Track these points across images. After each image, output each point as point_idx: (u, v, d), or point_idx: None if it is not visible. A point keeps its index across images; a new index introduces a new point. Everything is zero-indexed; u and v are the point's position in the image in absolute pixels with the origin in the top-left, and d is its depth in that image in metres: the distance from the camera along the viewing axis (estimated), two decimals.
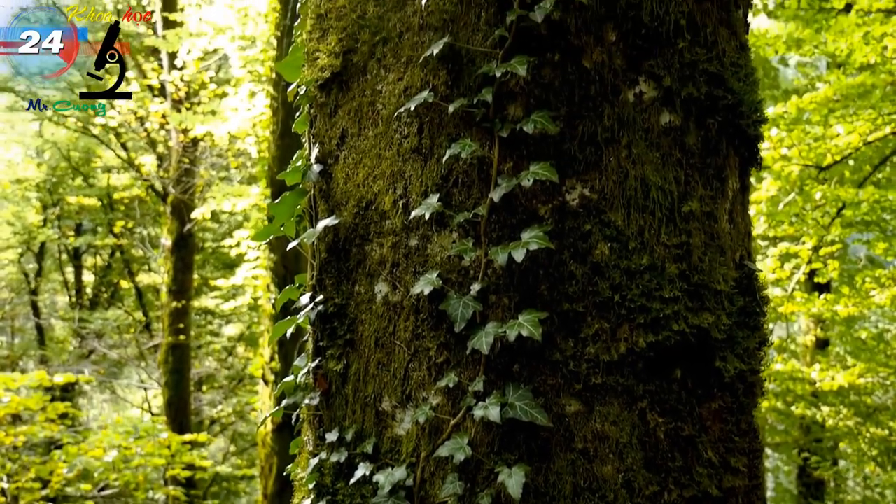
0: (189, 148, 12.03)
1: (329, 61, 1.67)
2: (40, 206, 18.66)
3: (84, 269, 19.57)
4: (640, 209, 1.49)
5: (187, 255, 12.49)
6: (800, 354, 11.08)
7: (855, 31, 7.07)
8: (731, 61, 1.59)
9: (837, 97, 7.91)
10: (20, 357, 19.46)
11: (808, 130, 7.61)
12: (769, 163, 8.10)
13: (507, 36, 1.47)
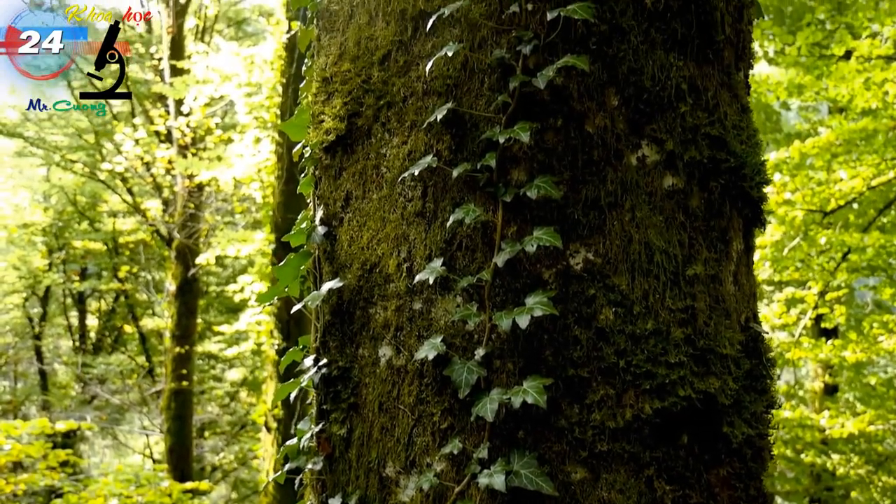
0: (194, 193, 12.11)
1: (334, 124, 1.69)
2: (46, 251, 18.74)
3: (88, 314, 19.57)
4: (644, 273, 1.48)
5: (191, 300, 12.48)
6: (808, 400, 10.97)
7: (855, 77, 7.14)
8: (732, 124, 1.60)
9: (840, 142, 7.95)
10: (22, 402, 19.37)
11: (811, 175, 7.64)
12: (773, 208, 8.11)
13: (509, 102, 1.48)
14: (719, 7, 1.60)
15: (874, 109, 7.87)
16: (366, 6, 1.66)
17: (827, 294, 8.86)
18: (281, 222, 9.14)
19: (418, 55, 1.58)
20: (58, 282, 18.63)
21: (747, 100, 1.69)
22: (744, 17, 1.68)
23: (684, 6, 1.57)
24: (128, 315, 18.06)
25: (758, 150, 1.65)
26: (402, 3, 1.60)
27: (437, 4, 1.56)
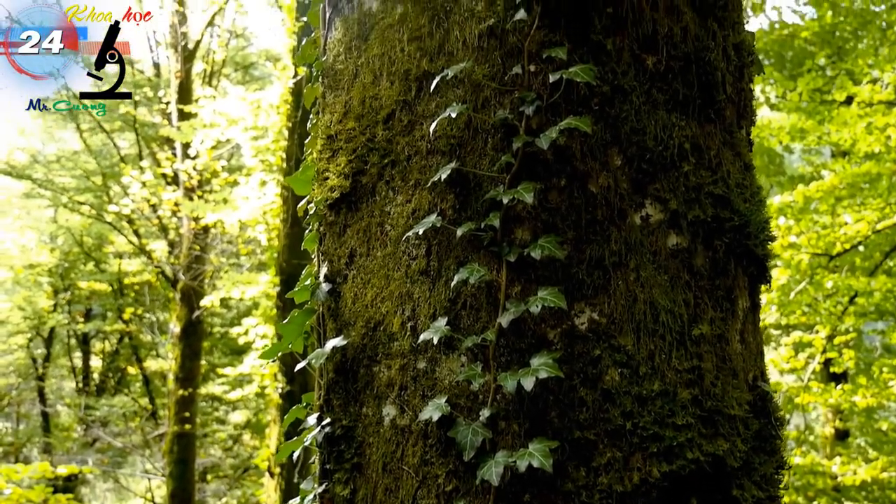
0: (200, 235, 12.15)
1: (338, 182, 1.69)
2: (51, 292, 18.77)
3: (92, 355, 19.53)
4: (649, 333, 1.47)
5: (195, 343, 12.44)
6: (819, 446, 10.82)
7: (857, 122, 7.18)
8: (736, 182, 1.61)
9: (843, 185, 7.96)
10: (24, 444, 19.23)
11: (816, 219, 7.64)
12: (778, 251, 8.10)
13: (513, 162, 1.49)
14: (720, 68, 1.62)
15: (877, 153, 7.91)
16: (370, 66, 1.68)
17: (835, 338, 8.80)
18: (286, 265, 9.16)
19: (422, 115, 1.60)
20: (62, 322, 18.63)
21: (750, 157, 1.70)
22: (744, 76, 1.70)
23: (685, 67, 1.58)
24: (132, 356, 18.01)
25: (762, 207, 1.65)
26: (406, 63, 1.62)
27: (441, 65, 1.58)
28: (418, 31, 1.62)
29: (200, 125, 10.65)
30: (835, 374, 10.30)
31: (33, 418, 19.57)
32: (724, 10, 1.66)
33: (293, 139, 9.13)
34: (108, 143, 16.36)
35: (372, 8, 1.70)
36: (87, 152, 16.59)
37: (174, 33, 12.67)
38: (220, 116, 10.37)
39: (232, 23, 14.73)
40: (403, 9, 1.65)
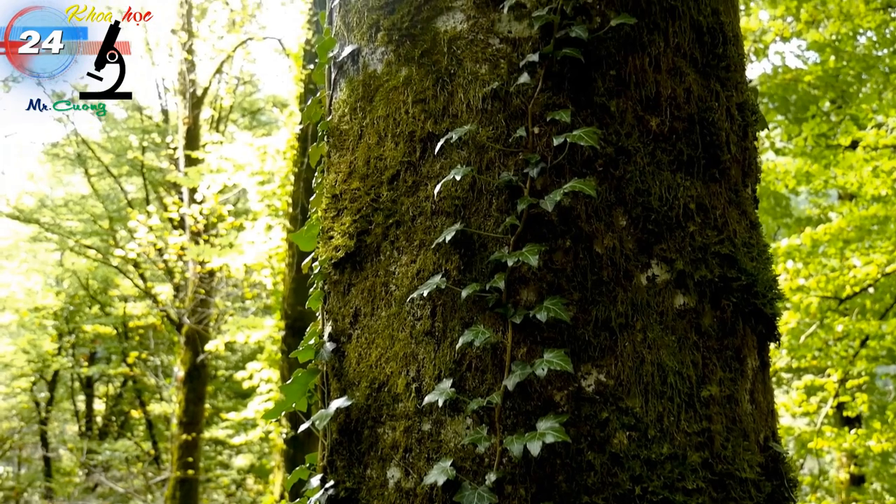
0: (205, 279, 12.18)
1: (343, 241, 1.69)
2: (56, 335, 18.76)
3: (95, 399, 19.44)
4: (658, 395, 1.46)
5: (199, 387, 12.39)
6: (834, 491, 10.64)
7: (863, 165, 7.20)
8: (742, 241, 1.60)
9: (851, 228, 7.95)
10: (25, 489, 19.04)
11: (824, 263, 7.62)
12: (787, 294, 8.06)
13: (517, 224, 1.49)
14: (724, 128, 1.63)
15: (884, 196, 7.92)
16: (375, 127, 1.69)
17: (847, 382, 8.71)
18: (291, 309, 9.14)
19: (427, 175, 1.60)
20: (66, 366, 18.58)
21: (756, 215, 1.69)
22: (748, 134, 1.70)
23: (689, 128, 1.59)
24: (135, 400, 17.92)
25: (769, 265, 1.64)
26: (411, 125, 1.63)
27: (445, 127, 1.59)
28: (423, 94, 1.63)
29: (207, 170, 10.74)
30: (848, 418, 10.18)
31: (35, 463, 19.42)
32: (727, 71, 1.68)
33: (299, 184, 9.18)
34: (115, 188, 16.49)
35: (377, 70, 1.72)
36: (95, 196, 16.72)
37: (183, 80, 12.85)
38: (227, 162, 10.46)
39: (240, 70, 14.94)
40: (408, 71, 1.66)
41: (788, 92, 11.18)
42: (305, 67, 9.70)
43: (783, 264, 7.99)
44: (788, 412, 9.50)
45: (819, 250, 7.84)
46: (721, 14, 1.71)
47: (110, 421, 18.79)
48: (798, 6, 8.52)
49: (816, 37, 8.73)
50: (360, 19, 1.79)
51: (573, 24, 1.55)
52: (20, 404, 20.07)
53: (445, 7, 1.65)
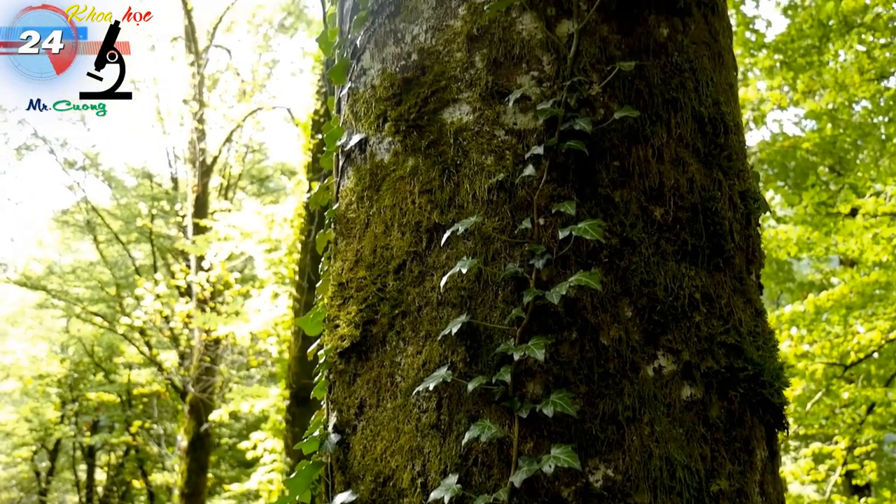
0: (211, 347, 12.14)
1: (349, 331, 1.70)
2: (59, 403, 18.62)
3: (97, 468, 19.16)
4: (666, 490, 1.44)
5: (202, 456, 12.22)
6: None
7: (863, 233, 7.24)
8: (748, 330, 1.60)
9: (854, 294, 7.94)
10: None
11: (828, 330, 7.59)
12: (792, 361, 8.01)
13: (523, 316, 1.49)
14: (727, 216, 1.64)
15: (885, 262, 7.93)
16: (381, 216, 1.71)
17: (855, 449, 8.57)
18: (296, 378, 9.08)
19: (433, 266, 1.61)
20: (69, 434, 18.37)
21: (761, 302, 1.70)
22: (751, 222, 1.72)
23: (693, 218, 1.60)
24: (137, 470, 17.66)
25: (775, 353, 1.64)
26: (417, 215, 1.65)
27: (451, 218, 1.61)
28: (429, 184, 1.66)
29: (215, 238, 10.82)
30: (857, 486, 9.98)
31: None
32: (729, 160, 1.70)
33: (306, 252, 9.23)
34: (123, 255, 16.60)
35: (384, 160, 1.75)
36: (103, 263, 16.82)
37: (193, 149, 13.06)
38: (235, 230, 10.55)
39: (249, 138, 15.19)
40: (414, 162, 1.69)
41: (787, 158, 11.31)
42: (314, 136, 9.86)
43: (787, 331, 7.96)
44: (797, 480, 9.31)
45: (822, 317, 7.82)
46: (722, 104, 1.74)
47: (111, 491, 18.50)
48: (794, 77, 8.68)
49: (813, 106, 8.87)
50: (367, 109, 1.83)
51: (577, 117, 1.58)
52: (20, 474, 19.80)
53: (452, 99, 1.69)
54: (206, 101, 13.96)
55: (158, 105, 15.27)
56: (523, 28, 1.67)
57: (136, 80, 16.28)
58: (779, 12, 13.11)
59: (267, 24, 16.10)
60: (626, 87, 1.64)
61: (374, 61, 1.83)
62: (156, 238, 15.32)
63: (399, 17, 1.79)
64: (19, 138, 17.10)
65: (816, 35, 8.88)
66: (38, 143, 16.38)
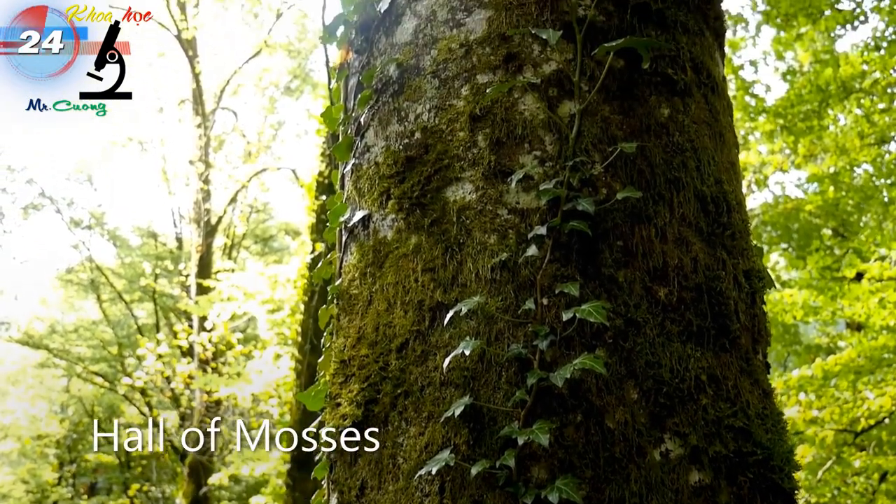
0: (211, 408, 12.02)
1: (350, 410, 1.67)
2: (57, 464, 18.36)
3: None
4: None
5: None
6: None
7: (869, 297, 7.21)
8: (756, 413, 1.58)
9: (862, 358, 7.87)
10: None
11: (837, 396, 7.50)
12: (801, 427, 7.89)
13: (527, 399, 1.47)
14: (732, 296, 1.63)
15: (892, 326, 7.87)
16: (384, 293, 1.71)
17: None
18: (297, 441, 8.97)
19: (436, 345, 1.60)
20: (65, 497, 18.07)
21: (768, 383, 1.67)
22: (756, 301, 1.71)
23: (698, 298, 1.60)
24: None
25: (784, 435, 1.61)
26: (420, 293, 1.65)
27: (454, 297, 1.60)
28: (432, 262, 1.66)
29: (218, 298, 10.81)
30: None
31: None
32: (733, 239, 1.70)
33: (309, 313, 9.21)
34: (126, 314, 16.58)
35: (387, 237, 1.76)
36: (106, 322, 16.79)
37: (198, 209, 13.16)
38: (238, 290, 10.55)
39: (254, 198, 15.31)
40: (417, 239, 1.69)
41: (790, 220, 11.34)
42: (317, 198, 9.93)
43: (795, 396, 7.87)
44: None
45: (831, 382, 7.74)
46: (724, 183, 1.75)
47: None
48: (795, 141, 8.77)
49: (815, 170, 8.94)
50: (371, 185, 1.84)
51: (580, 197, 1.58)
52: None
53: (455, 178, 1.70)
54: (211, 162, 14.12)
55: (165, 165, 15.46)
56: (525, 108, 1.69)
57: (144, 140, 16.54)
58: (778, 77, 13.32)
59: (273, 86, 16.40)
60: (629, 166, 1.65)
61: (378, 139, 1.85)
62: (159, 297, 15.32)
63: (403, 96, 1.82)
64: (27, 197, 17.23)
65: (816, 100, 9.01)
66: (45, 203, 16.55)
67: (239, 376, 10.61)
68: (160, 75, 15.53)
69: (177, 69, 15.40)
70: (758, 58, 15.12)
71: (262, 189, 15.18)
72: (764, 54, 12.92)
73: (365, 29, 1.99)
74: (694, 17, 1.87)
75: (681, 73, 1.77)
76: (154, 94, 16.13)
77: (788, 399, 7.68)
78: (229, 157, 15.73)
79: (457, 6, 1.81)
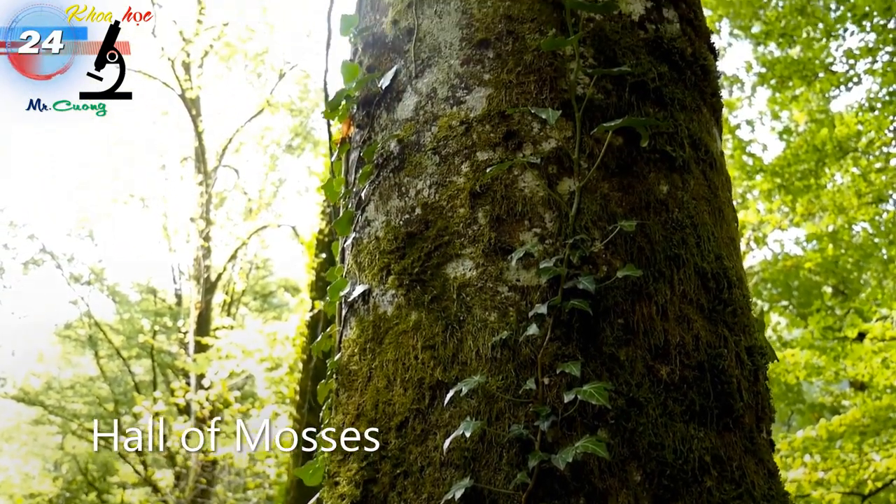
0: (208, 467, 11.84)
1: (349, 490, 1.65)
2: None
3: None
4: None
5: None
6: None
7: (872, 357, 7.17)
8: (762, 494, 1.55)
9: (866, 419, 7.79)
10: None
11: (843, 458, 7.39)
12: (806, 490, 7.76)
13: (528, 482, 1.45)
14: (735, 374, 1.62)
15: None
16: (384, 370, 1.70)
17: None
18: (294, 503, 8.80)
19: (436, 424, 1.58)
20: None
21: (773, 462, 1.65)
22: (759, 378, 1.69)
23: (700, 376, 1.58)
24: None
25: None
26: (420, 371, 1.63)
27: (455, 375, 1.59)
28: (432, 340, 1.65)
29: (216, 356, 10.75)
30: None
31: None
32: (734, 316, 1.70)
33: (307, 372, 9.14)
34: (123, 370, 16.45)
35: (387, 312, 1.75)
36: (103, 378, 16.65)
37: (198, 266, 13.17)
38: (237, 348, 10.49)
39: (254, 255, 15.34)
40: (417, 316, 1.69)
41: (790, 278, 11.35)
42: (317, 256, 9.95)
43: (800, 458, 7.76)
44: None
45: (836, 443, 7.64)
46: (724, 259, 1.75)
47: None
48: (793, 200, 8.83)
49: (813, 228, 8.98)
50: (371, 260, 1.84)
51: (580, 275, 1.58)
52: None
53: (455, 254, 1.70)
54: (212, 219, 14.19)
55: (166, 222, 15.53)
56: (525, 186, 1.70)
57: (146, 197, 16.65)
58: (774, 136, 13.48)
59: (275, 144, 16.58)
60: (629, 243, 1.65)
61: (379, 213, 1.86)
62: (157, 354, 15.22)
63: (403, 171, 1.83)
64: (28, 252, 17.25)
65: (812, 160, 9.10)
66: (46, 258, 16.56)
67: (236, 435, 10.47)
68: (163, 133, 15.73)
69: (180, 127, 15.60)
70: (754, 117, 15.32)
71: (262, 246, 15.22)
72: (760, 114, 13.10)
73: (366, 104, 2.02)
74: (691, 94, 1.90)
75: (679, 149, 1.79)
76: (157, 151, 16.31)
77: (793, 461, 7.57)
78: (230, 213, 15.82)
79: (457, 84, 1.84)
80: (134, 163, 16.21)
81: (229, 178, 19.46)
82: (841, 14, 8.40)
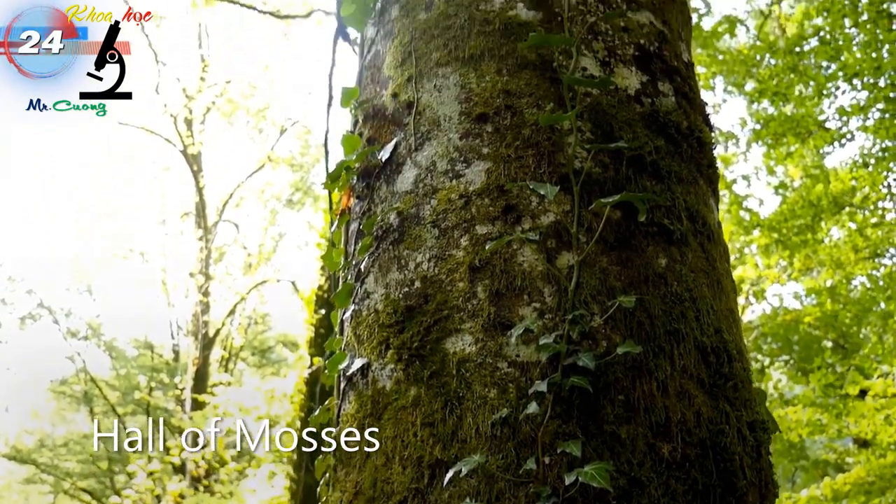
0: None
1: None
2: None
3: None
4: None
5: None
6: None
7: (875, 414, 7.12)
8: None
9: (871, 476, 7.69)
10: None
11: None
12: None
13: None
14: (737, 451, 1.60)
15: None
16: (383, 448, 1.68)
17: None
18: None
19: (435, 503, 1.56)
20: None
21: None
22: (762, 454, 1.67)
23: (702, 454, 1.56)
24: None
25: None
26: (419, 449, 1.61)
27: (454, 453, 1.57)
28: (431, 417, 1.63)
29: (213, 413, 10.63)
30: None
31: None
32: (735, 390, 1.68)
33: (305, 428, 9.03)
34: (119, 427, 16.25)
35: (386, 387, 1.74)
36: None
37: (196, 322, 13.12)
38: (234, 405, 10.39)
39: (253, 310, 15.30)
40: (417, 392, 1.68)
41: (790, 332, 11.31)
42: (317, 311, 9.93)
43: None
44: None
45: (842, 503, 7.52)
46: (724, 332, 1.75)
47: None
48: (791, 255, 8.86)
49: (812, 283, 8.99)
50: (370, 333, 1.84)
51: (580, 351, 1.58)
52: None
53: (454, 329, 1.69)
54: (211, 274, 14.19)
55: (165, 277, 15.52)
56: (524, 260, 1.70)
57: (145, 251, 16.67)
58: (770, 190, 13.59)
59: (275, 199, 16.69)
60: (628, 318, 1.65)
61: (378, 286, 1.86)
62: (153, 411, 15.06)
63: (403, 244, 1.84)
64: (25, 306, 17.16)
65: (808, 215, 9.15)
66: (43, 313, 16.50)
67: (232, 496, 10.30)
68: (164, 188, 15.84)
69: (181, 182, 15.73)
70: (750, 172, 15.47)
71: (261, 301, 15.20)
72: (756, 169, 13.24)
73: (366, 175, 2.03)
74: (688, 167, 1.92)
75: (677, 222, 1.80)
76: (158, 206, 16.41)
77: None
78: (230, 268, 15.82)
79: (456, 158, 1.85)
80: (135, 216, 16.29)
81: (229, 233, 19.53)
82: (832, 73, 8.55)
